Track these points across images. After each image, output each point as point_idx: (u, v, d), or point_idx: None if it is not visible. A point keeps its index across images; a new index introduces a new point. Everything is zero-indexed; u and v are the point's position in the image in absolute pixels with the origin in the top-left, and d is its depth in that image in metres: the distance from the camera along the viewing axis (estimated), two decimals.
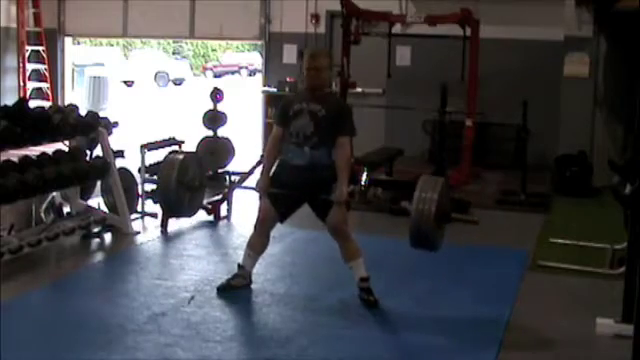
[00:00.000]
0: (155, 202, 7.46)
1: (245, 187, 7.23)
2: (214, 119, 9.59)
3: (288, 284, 5.56)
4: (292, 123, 5.02)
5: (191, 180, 5.20)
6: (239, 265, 5.34)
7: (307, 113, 4.98)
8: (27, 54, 13.24)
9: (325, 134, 4.95)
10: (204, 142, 9.62)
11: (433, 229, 4.73)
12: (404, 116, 10.89)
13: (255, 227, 5.27)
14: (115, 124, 7.02)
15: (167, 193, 5.05)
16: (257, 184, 5.25)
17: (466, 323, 4.86)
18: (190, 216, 5.23)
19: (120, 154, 7.10)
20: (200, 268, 5.77)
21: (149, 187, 7.40)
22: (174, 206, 5.14)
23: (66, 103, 10.42)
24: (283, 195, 5.11)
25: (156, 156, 7.93)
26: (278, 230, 5.56)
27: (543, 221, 7.75)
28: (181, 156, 5.24)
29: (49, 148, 6.38)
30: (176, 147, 8.14)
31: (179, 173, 5.07)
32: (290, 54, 12.11)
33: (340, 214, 5.01)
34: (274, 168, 5.23)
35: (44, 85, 13.49)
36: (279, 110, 5.21)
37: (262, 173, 5.25)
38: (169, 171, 5.03)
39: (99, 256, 6.41)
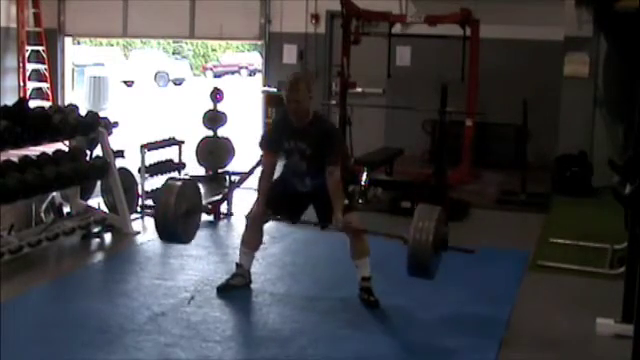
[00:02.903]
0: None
1: (245, 187, 7.23)
2: (214, 119, 9.60)
3: (288, 284, 5.56)
4: (286, 159, 5.11)
5: (189, 205, 5.25)
6: (237, 264, 5.35)
7: (297, 152, 5.04)
8: (27, 54, 13.25)
9: (319, 166, 5.00)
10: (204, 142, 9.63)
11: (430, 258, 4.76)
12: (404, 116, 10.88)
13: (247, 224, 5.29)
14: (115, 124, 7.02)
15: (165, 218, 5.09)
16: (250, 212, 5.23)
17: (466, 323, 4.86)
18: (187, 242, 5.28)
19: (120, 154, 7.10)
20: (200, 268, 5.77)
21: (149, 187, 7.41)
22: (172, 231, 5.19)
23: (66, 103, 10.41)
24: (287, 205, 5.17)
25: (156, 156, 7.94)
26: (278, 230, 5.57)
27: (543, 221, 7.74)
28: (179, 182, 5.29)
29: (49, 148, 6.38)
30: (176, 147, 8.16)
31: (177, 200, 5.11)
32: (290, 54, 12.12)
33: (355, 219, 5.06)
34: (277, 175, 5.22)
35: (44, 85, 13.49)
36: (268, 137, 5.24)
37: (258, 202, 5.15)
38: (168, 196, 5.09)
39: (99, 256, 6.41)
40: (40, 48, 13.40)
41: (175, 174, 7.82)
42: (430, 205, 4.81)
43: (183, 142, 8.25)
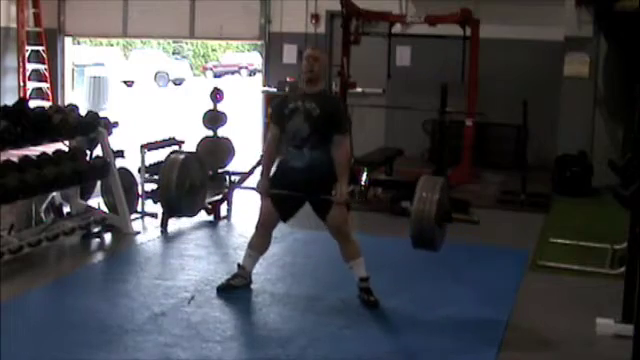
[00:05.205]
0: (155, 202, 7.48)
1: (245, 187, 7.24)
2: (214, 119, 9.58)
3: (288, 284, 5.56)
4: (288, 123, 5.00)
5: (192, 180, 5.20)
6: (239, 265, 5.34)
7: (302, 112, 4.95)
8: (27, 54, 13.24)
9: (322, 134, 4.94)
10: (204, 142, 9.62)
11: (434, 229, 4.72)
12: (404, 116, 10.88)
13: (256, 228, 5.27)
14: (115, 124, 7.01)
15: (168, 193, 5.03)
16: (257, 186, 5.24)
17: (466, 323, 4.86)
18: (191, 216, 5.25)
19: (120, 154, 7.10)
20: (200, 268, 5.76)
21: (149, 187, 7.41)
22: (175, 206, 5.13)
23: (66, 103, 10.41)
24: (284, 196, 5.10)
25: (156, 156, 7.94)
26: (279, 230, 5.56)
27: (543, 221, 7.74)
28: (182, 156, 5.23)
29: (49, 148, 6.38)
30: (176, 147, 8.15)
31: (180, 173, 5.05)
32: (290, 54, 12.11)
33: (341, 214, 5.01)
34: (274, 169, 5.23)
35: (44, 85, 13.49)
36: (274, 108, 5.23)
37: (262, 175, 5.23)
38: (170, 171, 5.01)
39: (99, 256, 6.41)
40: (40, 48, 13.39)
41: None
42: (433, 176, 4.78)
43: (183, 142, 8.23)
